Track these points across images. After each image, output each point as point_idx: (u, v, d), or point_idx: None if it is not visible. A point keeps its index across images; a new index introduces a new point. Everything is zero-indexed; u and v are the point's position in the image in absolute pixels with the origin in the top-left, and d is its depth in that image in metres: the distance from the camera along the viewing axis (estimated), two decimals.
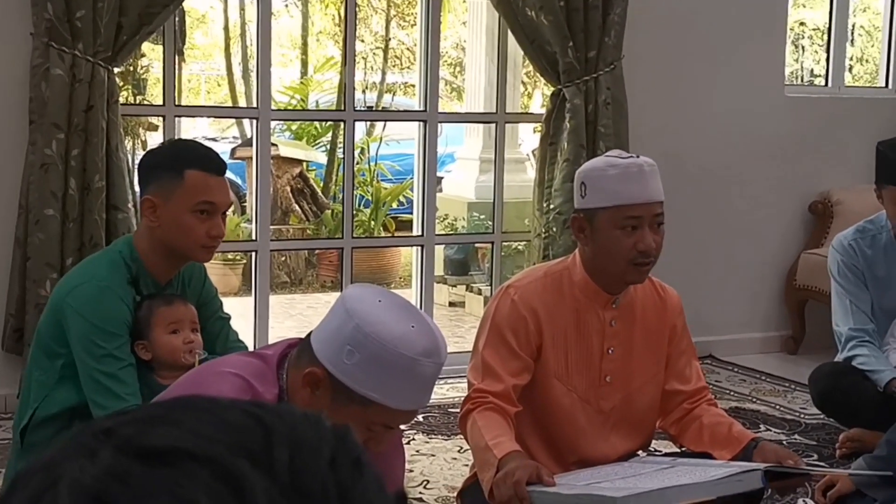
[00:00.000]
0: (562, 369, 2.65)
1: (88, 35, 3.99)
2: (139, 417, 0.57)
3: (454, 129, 8.53)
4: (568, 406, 2.66)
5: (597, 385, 2.68)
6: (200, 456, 0.53)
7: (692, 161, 5.22)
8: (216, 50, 11.52)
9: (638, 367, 2.70)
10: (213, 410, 0.58)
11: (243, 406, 0.58)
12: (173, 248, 2.79)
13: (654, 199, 2.54)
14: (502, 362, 2.59)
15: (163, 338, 2.76)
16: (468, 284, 7.10)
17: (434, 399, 4.53)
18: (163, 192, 2.76)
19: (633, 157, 2.57)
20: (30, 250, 4.01)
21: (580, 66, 4.77)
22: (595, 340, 2.66)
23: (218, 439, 0.55)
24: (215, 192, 2.77)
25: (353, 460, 0.57)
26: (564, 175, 4.79)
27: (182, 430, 0.55)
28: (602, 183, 2.52)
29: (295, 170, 8.51)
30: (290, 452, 0.55)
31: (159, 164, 2.83)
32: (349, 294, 1.91)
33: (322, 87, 9.79)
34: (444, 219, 7.40)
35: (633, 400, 2.71)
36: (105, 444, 0.54)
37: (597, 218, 2.54)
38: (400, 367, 1.82)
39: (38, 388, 2.83)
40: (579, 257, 2.65)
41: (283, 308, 7.04)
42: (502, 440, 2.43)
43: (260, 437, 0.55)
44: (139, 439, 0.54)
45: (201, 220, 2.75)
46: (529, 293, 2.62)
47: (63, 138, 3.99)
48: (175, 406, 0.58)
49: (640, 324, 2.70)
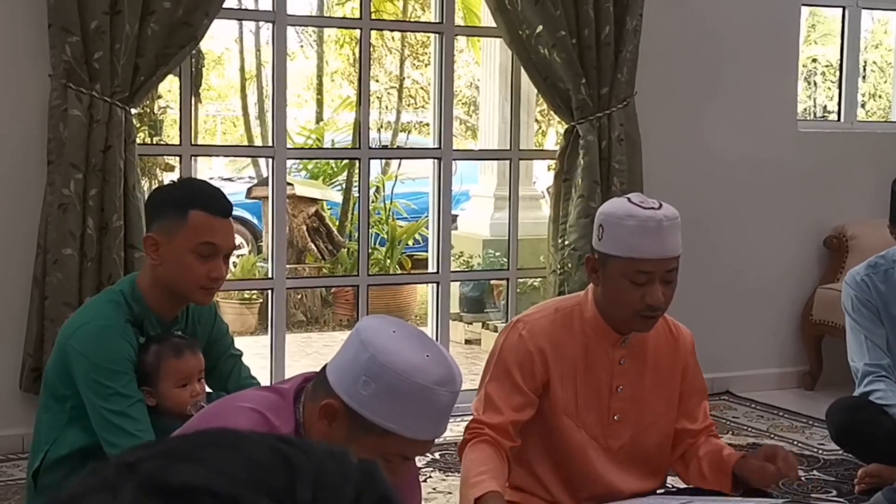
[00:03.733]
0: (571, 406, 2.63)
1: (106, 76, 4.03)
2: (163, 452, 0.57)
3: (469, 167, 8.56)
4: (579, 443, 2.64)
5: (605, 423, 2.66)
6: (221, 494, 0.53)
7: (706, 196, 5.22)
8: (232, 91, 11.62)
9: (648, 406, 2.68)
10: (238, 446, 0.57)
11: (269, 442, 0.58)
12: (173, 287, 2.77)
13: (669, 256, 2.49)
14: (505, 396, 2.57)
15: (171, 391, 2.74)
16: (484, 322, 7.10)
17: (450, 436, 4.52)
18: (166, 231, 2.75)
19: (654, 209, 2.49)
20: (48, 290, 4.04)
21: (593, 102, 4.80)
22: (604, 378, 2.64)
23: (240, 478, 0.54)
24: (218, 234, 2.75)
25: (379, 498, 0.57)
26: (579, 211, 4.80)
27: (205, 467, 0.55)
28: (618, 232, 2.48)
29: (311, 209, 8.54)
30: (314, 491, 0.55)
31: (165, 203, 2.82)
32: (364, 325, 1.92)
33: (337, 127, 9.85)
34: (460, 256, 7.41)
35: (642, 439, 2.69)
36: (128, 481, 0.54)
37: (609, 263, 2.51)
38: (415, 397, 1.82)
39: (49, 430, 2.82)
40: (591, 295, 2.63)
41: (299, 347, 7.05)
42: (484, 478, 2.41)
43: (283, 475, 0.55)
44: (161, 477, 0.54)
45: (202, 262, 2.73)
46: (538, 329, 2.61)
47: (81, 178, 4.02)
48: (199, 441, 0.58)
49: (652, 363, 2.68)
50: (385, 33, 10.20)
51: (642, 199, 2.54)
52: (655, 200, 2.55)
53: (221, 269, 2.77)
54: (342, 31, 10.48)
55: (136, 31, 4.06)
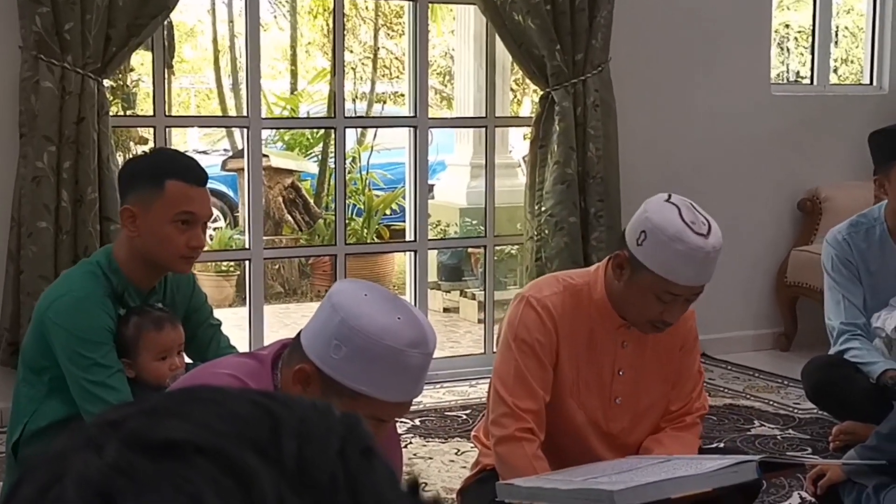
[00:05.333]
0: (574, 386, 2.62)
1: (77, 47, 4.00)
2: (146, 409, 0.56)
3: (445, 137, 8.55)
4: (579, 424, 2.64)
5: (606, 406, 2.66)
6: (207, 449, 0.53)
7: (680, 161, 5.25)
8: (205, 63, 11.53)
9: (646, 388, 2.68)
10: (221, 401, 0.57)
11: (252, 396, 0.58)
12: (152, 258, 2.77)
13: (702, 283, 2.48)
14: (537, 372, 2.56)
15: (151, 364, 2.75)
16: (462, 290, 7.11)
17: (430, 402, 4.55)
18: (142, 202, 2.74)
19: (704, 235, 2.44)
20: (23, 264, 4.02)
21: (568, 69, 4.80)
22: (606, 361, 2.63)
23: (225, 432, 0.54)
24: (196, 203, 2.75)
25: (363, 450, 0.57)
26: (555, 178, 4.81)
27: (189, 422, 0.55)
28: (663, 251, 2.43)
29: (287, 180, 8.53)
30: (299, 443, 0.54)
31: (139, 174, 2.81)
32: (335, 289, 1.92)
33: (313, 99, 9.81)
34: (437, 225, 7.42)
35: (640, 421, 2.70)
36: (111, 438, 0.54)
37: (641, 273, 2.46)
38: (387, 359, 1.83)
39: (28, 402, 2.83)
40: (603, 278, 2.59)
41: (277, 318, 7.05)
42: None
43: (268, 429, 0.55)
44: (145, 433, 0.54)
45: (181, 231, 2.74)
46: (550, 305, 2.58)
47: (54, 151, 4.00)
48: (182, 397, 0.58)
49: (653, 345, 2.67)
50: (359, 3, 10.15)
51: (693, 218, 2.46)
52: (704, 219, 2.48)
53: (201, 238, 2.78)
54: (315, 2, 10.42)
55: (107, 2, 4.02)
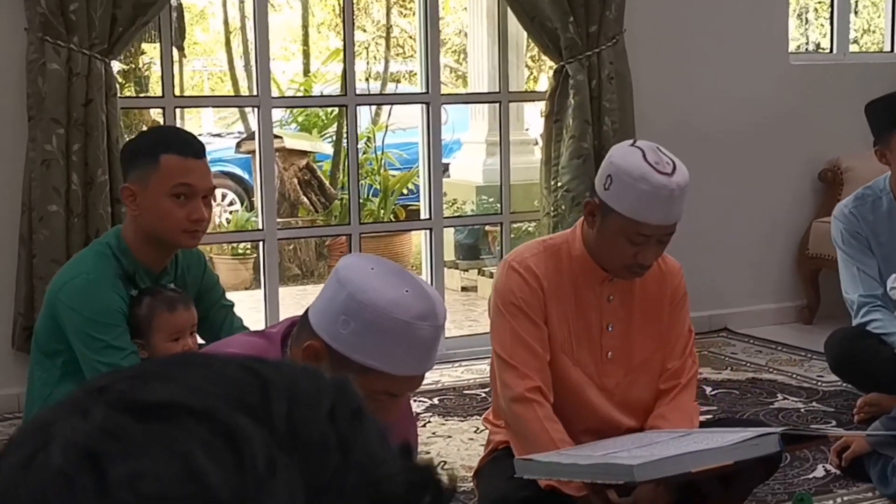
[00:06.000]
0: (566, 343, 2.63)
1: (83, 28, 3.96)
2: (133, 374, 0.56)
3: (460, 115, 8.49)
4: (575, 380, 2.64)
5: (599, 362, 2.66)
6: (196, 409, 0.52)
7: (698, 133, 5.17)
8: (217, 45, 11.51)
9: (638, 343, 2.67)
10: (210, 365, 0.56)
11: (240, 361, 0.57)
12: (156, 235, 2.75)
13: (672, 222, 2.48)
14: (532, 331, 2.57)
15: (163, 345, 2.73)
16: (480, 268, 7.07)
17: (449, 381, 4.51)
18: (140, 179, 2.73)
19: (668, 174, 2.43)
20: (35, 248, 4.00)
21: (582, 41, 4.73)
22: (594, 316, 2.63)
23: (214, 393, 0.53)
24: (192, 174, 2.72)
25: (353, 411, 0.56)
26: (571, 152, 4.75)
27: (177, 384, 0.54)
28: (628, 192, 2.44)
29: (301, 162, 8.49)
30: (288, 405, 0.54)
31: (136, 151, 2.81)
32: (342, 264, 1.89)
33: (326, 80, 9.76)
34: (453, 204, 7.37)
35: (636, 378, 2.68)
36: (98, 402, 0.53)
37: (610, 217, 2.48)
38: (396, 333, 1.80)
39: (42, 386, 2.82)
40: (580, 233, 2.61)
41: (295, 300, 7.01)
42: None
43: (257, 390, 0.54)
44: (132, 395, 0.53)
45: (180, 205, 2.71)
46: (532, 265, 2.60)
47: (63, 133, 3.97)
48: (170, 362, 0.57)
49: (640, 300, 2.66)
50: None
51: (657, 159, 2.46)
52: (669, 159, 2.48)
53: (201, 211, 2.74)
54: None
55: None
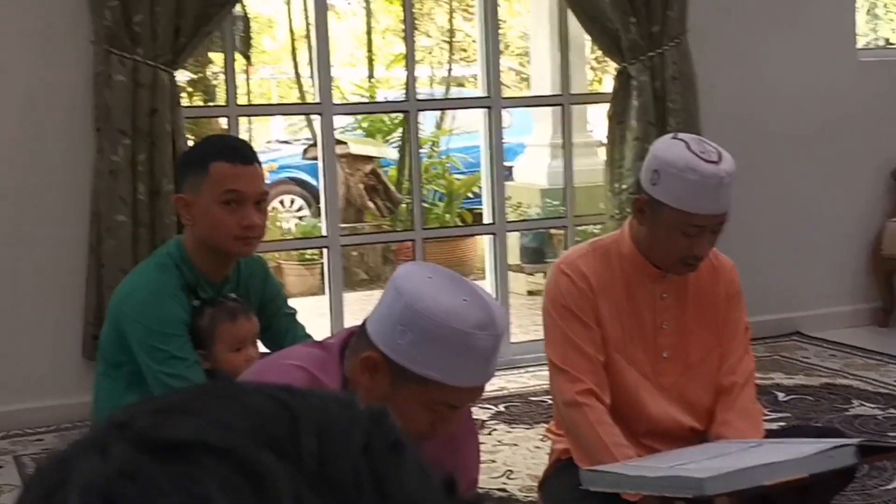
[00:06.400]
0: (620, 343, 2.59)
1: (148, 39, 4.00)
2: (156, 408, 0.53)
3: (524, 118, 8.45)
4: (630, 380, 2.60)
5: (654, 361, 2.61)
6: (218, 447, 0.49)
7: (766, 132, 5.08)
8: (284, 54, 11.60)
9: (694, 341, 2.63)
10: (236, 396, 0.53)
11: (268, 391, 0.54)
12: (210, 243, 2.75)
13: (723, 211, 2.46)
14: (583, 334, 2.54)
15: (226, 355, 2.74)
16: (545, 272, 7.02)
17: (514, 388, 4.48)
18: (193, 188, 2.74)
19: (715, 162, 2.42)
20: (103, 257, 4.05)
21: (644, 42, 4.67)
22: (647, 315, 2.60)
23: (238, 428, 0.50)
24: (240, 181, 2.72)
25: (391, 444, 0.53)
26: (635, 154, 4.70)
27: (200, 419, 0.51)
28: (677, 184, 2.42)
29: (367, 167, 8.51)
30: (319, 439, 0.51)
31: (188, 162, 2.83)
32: (399, 273, 1.86)
33: (390, 85, 9.79)
34: (518, 207, 7.33)
35: (694, 375, 2.64)
36: (118, 439, 0.51)
37: (661, 211, 2.45)
38: (454, 343, 1.76)
39: (107, 396, 2.84)
40: (629, 231, 2.58)
41: (361, 305, 7.02)
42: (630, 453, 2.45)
43: (285, 424, 0.51)
44: (152, 432, 0.51)
45: (231, 212, 2.71)
46: (580, 266, 2.57)
47: (129, 144, 4.01)
48: (195, 393, 0.55)
49: (693, 296, 2.62)
50: None
51: (702, 149, 2.44)
52: (713, 148, 2.47)
53: (252, 217, 2.73)
54: None
55: None
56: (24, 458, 3.79)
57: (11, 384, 4.10)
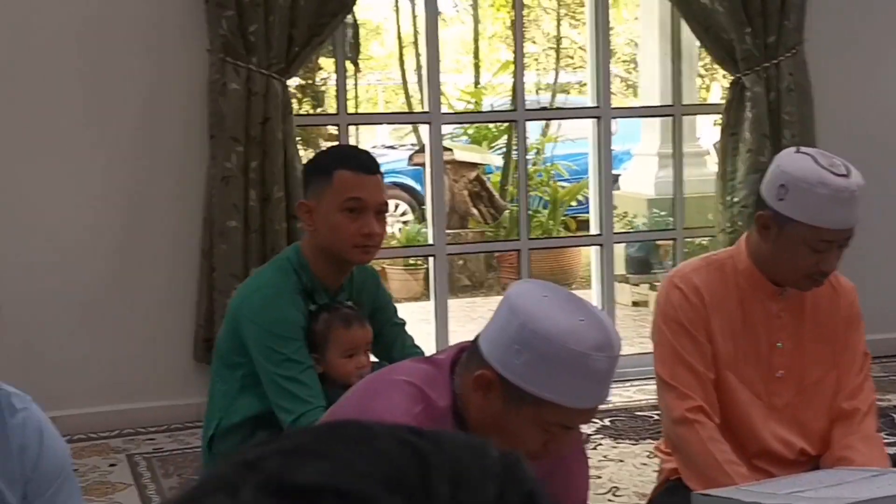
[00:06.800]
0: (731, 360, 2.54)
1: (262, 48, 4.06)
2: (285, 449, 0.53)
3: (630, 126, 8.38)
4: (742, 399, 2.55)
5: (767, 380, 2.55)
6: (349, 494, 0.49)
7: (885, 146, 4.94)
8: (392, 60, 11.69)
9: (811, 362, 2.56)
10: (366, 440, 0.53)
11: (399, 434, 0.53)
12: (329, 250, 2.79)
13: (852, 225, 2.40)
14: (693, 350, 2.50)
15: (338, 360, 2.77)
16: (651, 283, 6.94)
17: (620, 402, 4.43)
18: (316, 195, 2.78)
19: (845, 176, 2.36)
20: (215, 261, 4.12)
21: (759, 52, 4.59)
22: (762, 333, 2.54)
23: (369, 474, 0.50)
24: (363, 189, 2.75)
25: (525, 495, 0.52)
26: (748, 166, 4.62)
27: (330, 463, 0.51)
28: (808, 199, 2.36)
29: (471, 174, 8.52)
30: (451, 488, 0.50)
31: (313, 169, 2.87)
32: (514, 291, 1.84)
33: (496, 91, 9.79)
34: (624, 216, 7.26)
35: (808, 397, 2.57)
36: (248, 480, 0.50)
37: (789, 227, 2.40)
38: (571, 364, 1.74)
39: (222, 398, 2.88)
40: (746, 247, 2.52)
41: (464, 312, 7.04)
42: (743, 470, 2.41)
43: (417, 471, 0.50)
44: (283, 475, 0.50)
45: (352, 219, 2.74)
46: (694, 282, 2.52)
47: (242, 151, 4.07)
48: (325, 435, 0.54)
49: (811, 316, 2.56)
50: None
51: (830, 162, 2.40)
52: (840, 161, 2.41)
53: (373, 225, 2.76)
54: None
55: (290, 3, 4.08)
56: (136, 457, 3.87)
57: (125, 385, 4.20)
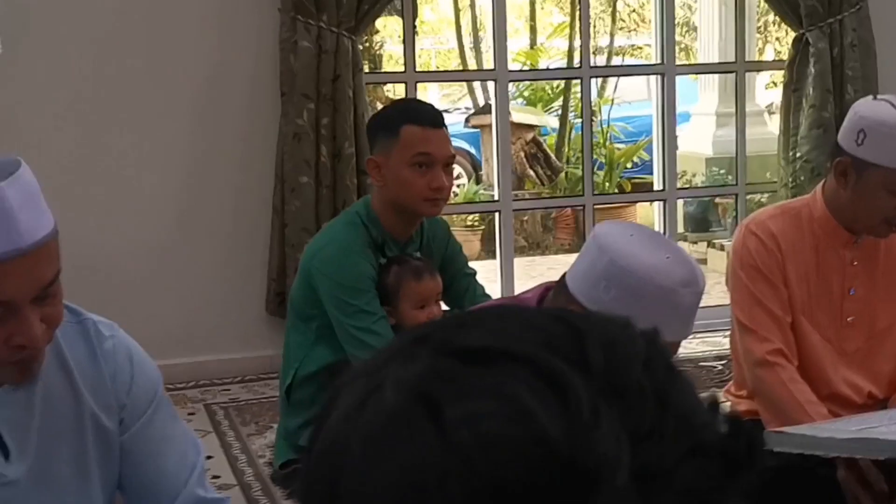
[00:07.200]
0: (805, 306, 2.57)
1: (332, 6, 4.13)
2: (450, 323, 0.57)
3: (686, 87, 8.36)
4: (813, 343, 2.58)
5: (838, 326, 2.59)
6: (518, 355, 0.52)
7: None
8: (444, 25, 11.71)
9: (882, 309, 2.59)
10: (522, 315, 0.57)
11: (550, 312, 0.58)
12: (400, 204, 2.84)
13: None
14: (771, 295, 2.53)
15: (410, 312, 2.83)
16: (709, 241, 6.96)
17: (683, 353, 4.47)
18: (384, 151, 2.83)
19: None
20: (287, 217, 4.21)
21: (823, 8, 4.59)
22: (835, 279, 2.57)
23: (531, 340, 0.54)
24: (431, 143, 2.80)
25: (667, 364, 0.56)
26: (811, 122, 4.63)
27: (495, 332, 0.55)
28: (887, 143, 2.39)
29: (528, 135, 8.56)
30: (605, 354, 0.54)
31: (379, 125, 2.92)
32: (600, 230, 1.89)
33: (549, 55, 9.79)
34: (682, 175, 7.28)
35: (878, 342, 2.61)
36: (423, 348, 0.55)
37: (868, 172, 2.42)
38: (658, 299, 1.78)
39: (298, 349, 2.97)
40: (822, 194, 2.55)
41: (524, 270, 7.09)
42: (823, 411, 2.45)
43: (572, 339, 0.54)
44: (456, 341, 0.54)
45: (421, 174, 2.79)
46: (769, 226, 2.56)
47: (313, 108, 4.15)
48: (482, 313, 0.58)
49: (884, 264, 2.59)
50: None
51: None
52: None
53: (441, 179, 2.81)
54: None
55: None
56: (213, 406, 4.00)
57: (201, 337, 4.32)
